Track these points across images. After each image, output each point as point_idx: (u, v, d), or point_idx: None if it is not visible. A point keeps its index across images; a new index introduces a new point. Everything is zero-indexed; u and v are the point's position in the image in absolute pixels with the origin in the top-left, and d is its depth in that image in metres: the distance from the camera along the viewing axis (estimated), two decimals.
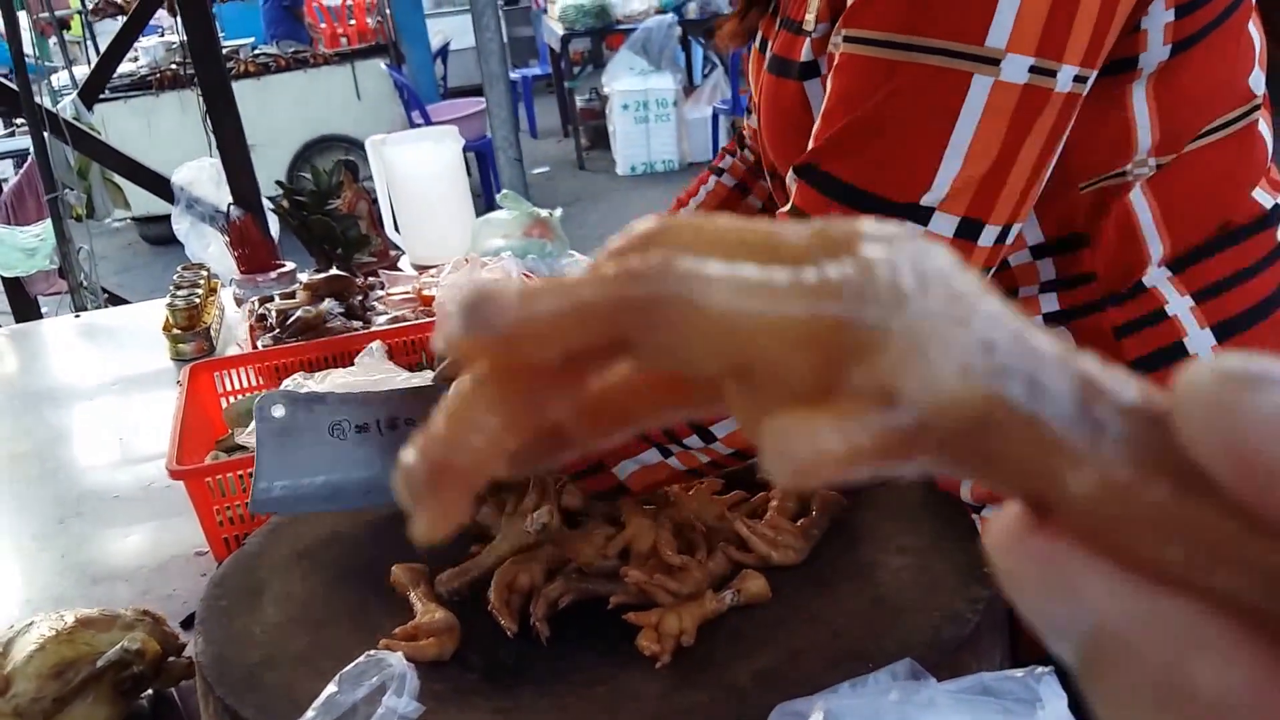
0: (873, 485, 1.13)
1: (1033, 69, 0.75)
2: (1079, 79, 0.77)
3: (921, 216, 0.77)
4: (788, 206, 0.84)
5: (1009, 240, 0.81)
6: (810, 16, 0.93)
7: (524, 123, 9.60)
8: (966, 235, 0.78)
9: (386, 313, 2.03)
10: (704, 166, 1.38)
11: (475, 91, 9.40)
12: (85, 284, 3.58)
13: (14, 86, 3.65)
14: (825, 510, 1.07)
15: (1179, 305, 0.89)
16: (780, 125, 0.99)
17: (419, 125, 7.62)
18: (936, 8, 0.75)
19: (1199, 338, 0.89)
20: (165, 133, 7.25)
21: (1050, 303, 0.91)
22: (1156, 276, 0.89)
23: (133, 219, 8.12)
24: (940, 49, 0.75)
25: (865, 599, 0.96)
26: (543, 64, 10.74)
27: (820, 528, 1.05)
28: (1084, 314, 0.90)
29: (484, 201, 7.24)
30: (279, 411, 1.17)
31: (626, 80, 8.39)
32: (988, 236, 0.79)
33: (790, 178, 0.85)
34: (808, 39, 0.93)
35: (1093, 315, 0.90)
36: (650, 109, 8.40)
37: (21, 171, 4.09)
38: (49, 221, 3.65)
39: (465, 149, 2.94)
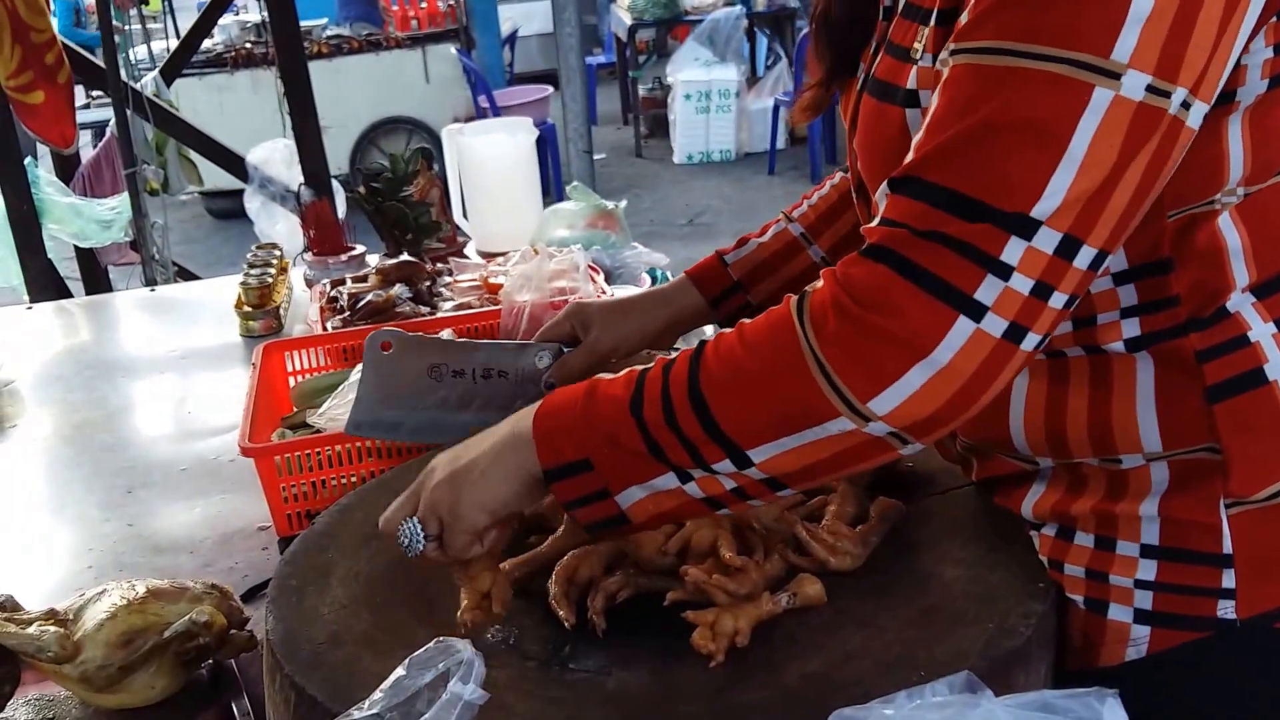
0: (931, 494, 1.14)
1: (1149, 88, 0.75)
2: (1185, 105, 0.77)
3: (1028, 230, 0.76)
4: (876, 220, 0.82)
5: (1099, 270, 0.80)
6: (919, 45, 0.92)
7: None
8: (1065, 254, 0.77)
9: (453, 299, 2.05)
10: (761, 157, 1.38)
11: (541, 78, 9.43)
12: (157, 257, 3.66)
13: (100, 62, 3.73)
14: (884, 517, 1.07)
15: (1261, 331, 0.88)
16: (880, 149, 0.98)
17: (484, 110, 7.67)
18: (1061, 18, 0.75)
19: (1278, 363, 0.88)
20: (237, 110, 7.36)
21: (1132, 328, 0.90)
22: (1240, 302, 0.89)
23: (200, 193, 8.27)
24: (1064, 58, 0.74)
25: (919, 608, 0.96)
26: (607, 52, 10.75)
27: (878, 535, 1.06)
28: (1165, 339, 0.89)
29: (541, 186, 7.28)
30: (389, 347, 1.24)
31: (691, 70, 8.38)
32: (1084, 258, 0.78)
33: (881, 192, 0.83)
34: (914, 67, 0.92)
35: (1174, 340, 0.89)
36: (712, 99, 8.38)
37: (101, 145, 4.18)
38: (125, 195, 3.73)
39: None
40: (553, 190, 7.27)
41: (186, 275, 4.09)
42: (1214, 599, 0.90)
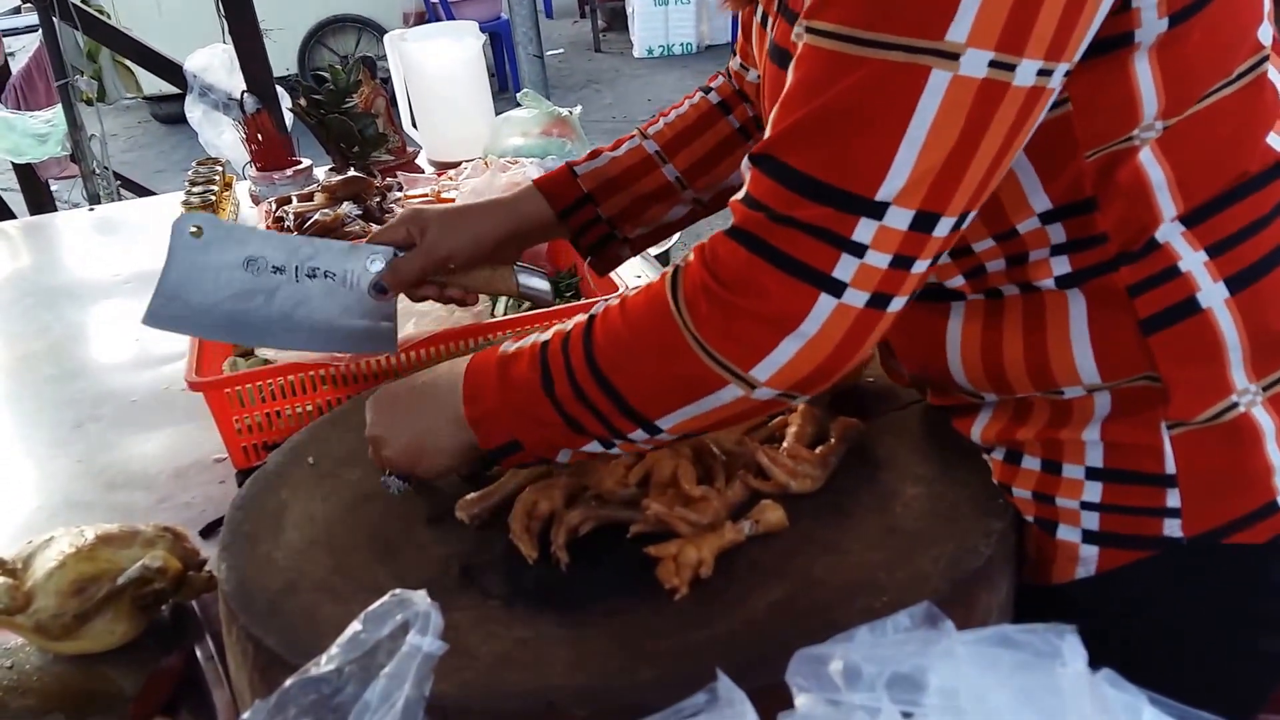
0: (891, 409, 1.12)
1: (992, 63, 0.74)
2: (1043, 72, 0.76)
3: (876, 211, 0.77)
4: (741, 194, 0.83)
5: (965, 225, 0.81)
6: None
7: (539, 3, 9.38)
8: (921, 228, 0.78)
9: None
10: (724, 49, 1.34)
11: None
12: (97, 171, 3.54)
13: None
14: (843, 438, 1.06)
15: (1192, 261, 0.87)
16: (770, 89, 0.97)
17: (434, 5, 7.44)
18: (898, 3, 0.75)
19: (1212, 292, 0.87)
20: (174, 11, 7.10)
21: (1062, 265, 0.89)
22: (1169, 232, 0.87)
23: (143, 98, 8.02)
24: (900, 44, 0.74)
25: (881, 528, 0.96)
26: None
27: (838, 455, 1.05)
28: (1096, 274, 0.89)
29: (498, 84, 7.10)
30: (195, 229, 1.16)
31: None
32: (943, 228, 0.79)
33: (745, 165, 0.84)
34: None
35: (1105, 276, 0.88)
36: None
37: (30, 55, 4.02)
38: (59, 107, 3.60)
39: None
40: (510, 87, 7.11)
41: (131, 186, 3.98)
42: (1159, 518, 0.90)
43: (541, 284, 1.30)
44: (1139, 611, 0.94)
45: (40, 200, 4.02)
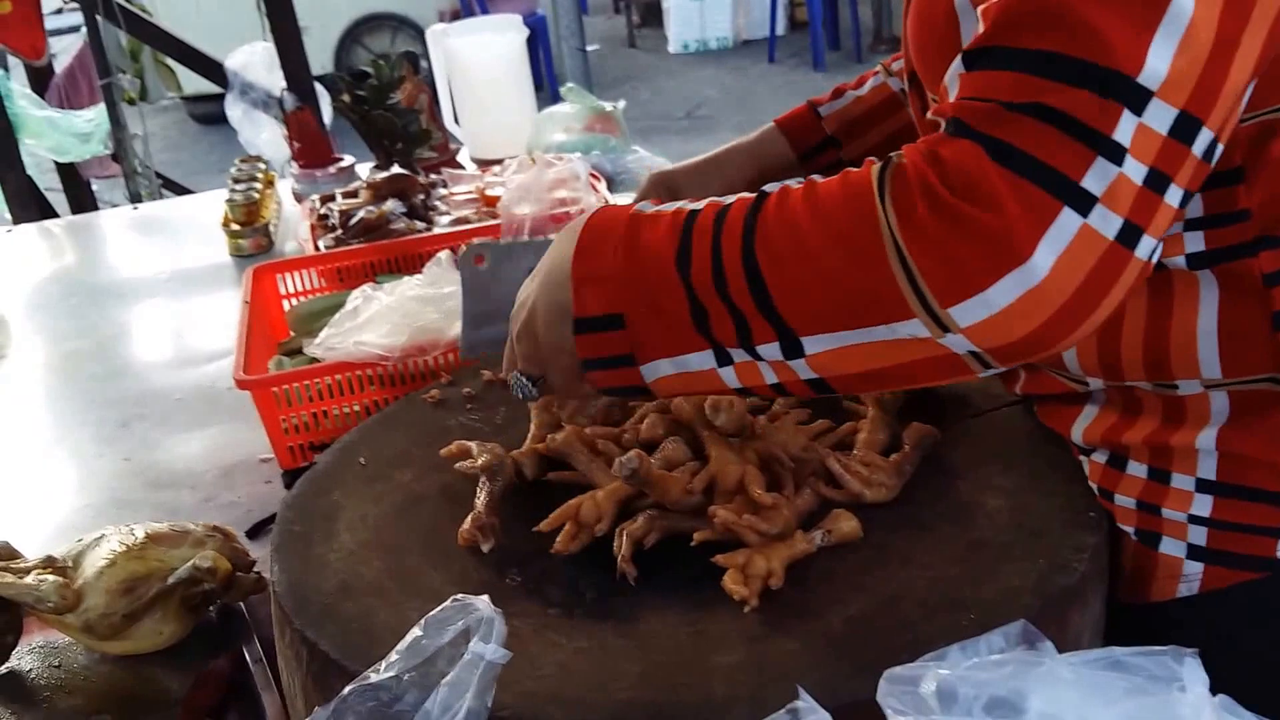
0: (967, 416, 1.08)
1: None
2: None
3: (1139, 100, 0.64)
4: (952, 100, 0.71)
5: (1213, 160, 0.69)
6: None
7: None
8: (1182, 136, 0.66)
9: (449, 213, 1.98)
10: (760, 44, 1.28)
11: None
12: (139, 170, 3.54)
13: None
14: (918, 444, 1.02)
15: None
16: (925, 40, 0.89)
17: (470, 3, 7.44)
18: None
19: None
20: (214, 11, 7.12)
21: (1195, 242, 0.82)
22: None
23: (181, 98, 8.05)
24: None
25: (962, 542, 0.91)
26: None
27: (913, 463, 1.01)
28: (1231, 257, 0.82)
29: (533, 81, 7.08)
30: (483, 264, 1.17)
31: None
32: (1201, 142, 0.68)
33: (953, 72, 0.72)
34: None
35: (1242, 260, 0.81)
36: None
37: (73, 55, 4.03)
38: (102, 106, 3.60)
39: None
40: (546, 86, 7.08)
41: (171, 186, 3.98)
42: (1273, 539, 0.85)
43: None
44: (1241, 637, 0.88)
45: (81, 200, 4.03)
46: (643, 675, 0.81)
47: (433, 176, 2.11)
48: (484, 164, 2.37)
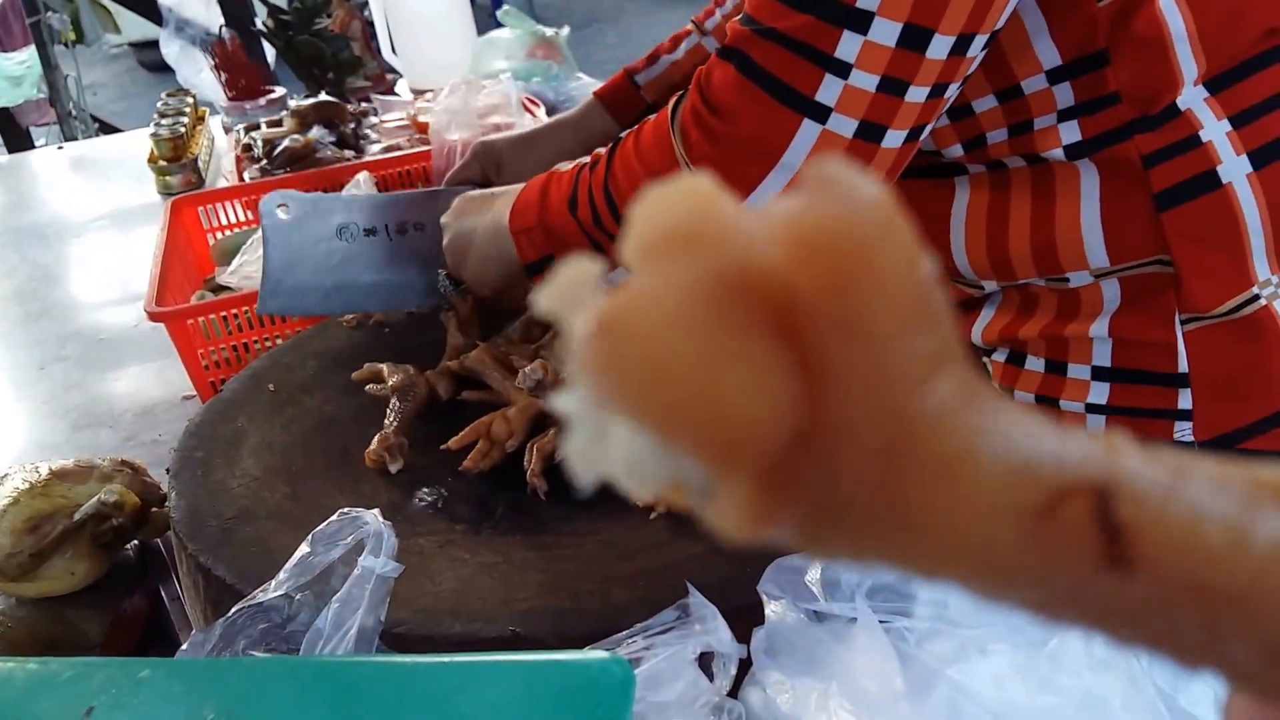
0: None
1: None
2: None
3: (859, 22, 0.70)
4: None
5: (972, 52, 0.72)
6: None
7: None
8: (911, 45, 0.70)
9: (380, 141, 1.92)
10: None
11: None
12: (74, 113, 3.45)
13: None
14: None
15: (1215, 130, 0.79)
16: None
17: None
18: None
19: (1234, 166, 0.79)
20: None
21: (1071, 132, 0.81)
22: (1191, 98, 0.79)
23: (129, 45, 7.85)
24: None
25: None
26: None
27: None
28: (1108, 143, 0.80)
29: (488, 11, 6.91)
30: (284, 212, 1.15)
31: None
32: (939, 48, 0.70)
33: None
34: None
35: (1118, 144, 0.80)
36: None
37: None
38: (34, 47, 3.50)
39: None
40: (492, 12, 6.93)
41: (108, 130, 3.89)
42: (1170, 421, 0.84)
43: None
44: None
45: (22, 147, 3.93)
46: (544, 585, 0.79)
47: (364, 104, 2.05)
48: (421, 94, 2.31)
